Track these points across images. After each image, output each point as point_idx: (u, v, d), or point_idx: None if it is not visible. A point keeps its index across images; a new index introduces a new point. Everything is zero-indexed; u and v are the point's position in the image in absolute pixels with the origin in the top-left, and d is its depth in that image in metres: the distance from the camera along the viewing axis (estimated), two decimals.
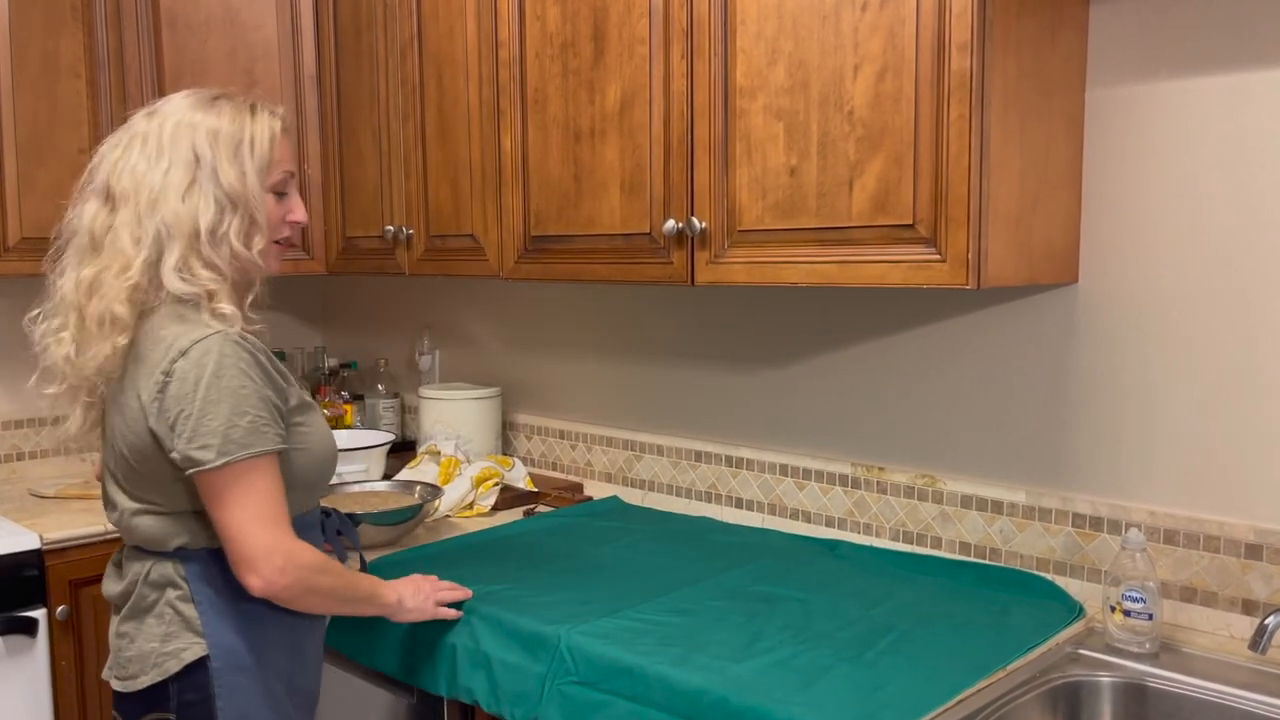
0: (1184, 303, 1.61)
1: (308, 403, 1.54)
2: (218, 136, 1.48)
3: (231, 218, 1.45)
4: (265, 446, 1.39)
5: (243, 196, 1.46)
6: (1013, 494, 1.80)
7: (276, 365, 1.47)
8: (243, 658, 1.45)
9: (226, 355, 1.37)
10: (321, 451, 1.55)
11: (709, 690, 1.37)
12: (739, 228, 1.70)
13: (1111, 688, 1.46)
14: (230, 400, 1.36)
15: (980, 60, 1.42)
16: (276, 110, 1.56)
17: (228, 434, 1.35)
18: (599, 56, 1.88)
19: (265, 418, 1.39)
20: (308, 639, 1.57)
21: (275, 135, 1.52)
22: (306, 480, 1.52)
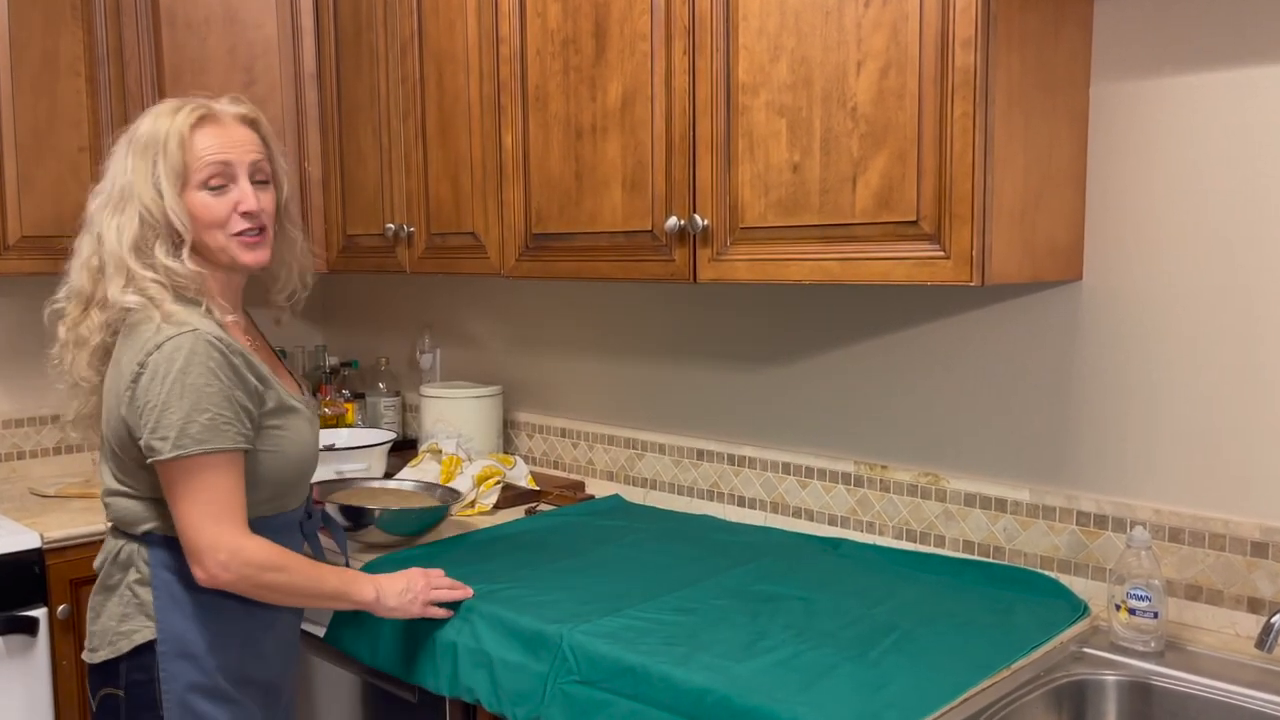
0: (1189, 299, 1.60)
1: (290, 407, 1.57)
2: (137, 148, 1.53)
3: (153, 235, 1.49)
4: (221, 445, 1.44)
5: (160, 209, 1.49)
6: (1016, 492, 1.79)
7: (255, 368, 1.51)
8: (189, 645, 1.51)
9: (197, 354, 1.44)
10: (296, 456, 1.58)
11: (712, 690, 1.36)
12: (741, 225, 1.69)
13: (1116, 687, 1.46)
14: (193, 397, 1.43)
15: (984, 56, 1.41)
16: (215, 105, 1.56)
17: (184, 429, 1.42)
18: (600, 53, 1.88)
19: (227, 417, 1.44)
20: (265, 633, 1.59)
21: (183, 135, 1.51)
22: (276, 482, 1.55)
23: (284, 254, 1.69)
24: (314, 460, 1.65)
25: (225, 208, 1.53)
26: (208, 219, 1.52)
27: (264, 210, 1.57)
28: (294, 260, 1.70)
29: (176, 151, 1.50)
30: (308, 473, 1.65)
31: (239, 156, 1.54)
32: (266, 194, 1.58)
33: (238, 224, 1.54)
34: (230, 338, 1.51)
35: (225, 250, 1.55)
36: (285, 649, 1.66)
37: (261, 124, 1.61)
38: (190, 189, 1.52)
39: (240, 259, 1.55)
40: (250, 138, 1.57)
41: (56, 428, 2.79)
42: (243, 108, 1.60)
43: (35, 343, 2.76)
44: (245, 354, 1.51)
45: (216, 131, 1.53)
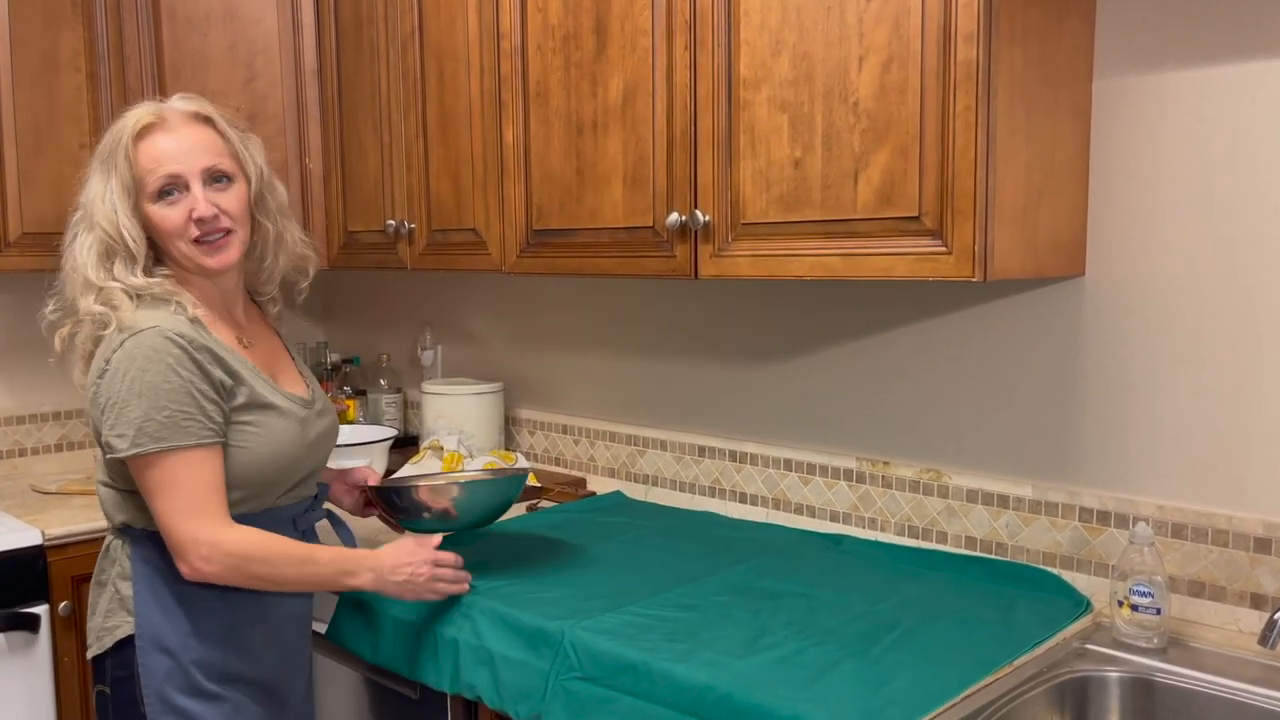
0: (1192, 295, 1.59)
1: (266, 404, 1.54)
2: (98, 162, 1.54)
3: (112, 252, 1.50)
4: (182, 441, 1.43)
5: (115, 228, 1.49)
6: (1019, 488, 1.79)
7: (224, 363, 1.50)
8: (166, 639, 1.50)
9: (156, 350, 1.43)
10: (267, 454, 1.53)
11: (713, 686, 1.36)
12: (743, 220, 1.69)
13: (1119, 683, 1.45)
14: (150, 394, 1.42)
15: (986, 51, 1.40)
16: (165, 109, 1.54)
17: (142, 426, 1.42)
18: (601, 49, 1.87)
19: (189, 412, 1.43)
20: (251, 629, 1.56)
21: (129, 150, 1.49)
22: (248, 481, 1.52)
23: (262, 248, 1.65)
24: (298, 461, 1.59)
25: (180, 217, 1.51)
26: (167, 230, 1.51)
27: (225, 212, 1.53)
28: (278, 253, 1.67)
29: (125, 167, 1.49)
30: (289, 473, 1.58)
31: (187, 165, 1.51)
32: (227, 193, 1.54)
33: (192, 232, 1.51)
34: (199, 333, 1.49)
35: (190, 258, 1.53)
36: (282, 647, 1.62)
37: (216, 120, 1.57)
38: (146, 201, 1.51)
39: (204, 264, 1.54)
40: (203, 138, 1.54)
41: (58, 424, 2.79)
42: (193, 104, 1.56)
43: (36, 340, 2.75)
44: (213, 349, 1.49)
45: (164, 139, 1.51)
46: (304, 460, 1.61)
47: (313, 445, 1.63)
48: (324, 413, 1.70)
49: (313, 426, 1.63)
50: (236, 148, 1.58)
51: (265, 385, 1.56)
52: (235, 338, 1.59)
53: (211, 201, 1.52)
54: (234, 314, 1.64)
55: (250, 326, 1.67)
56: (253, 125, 2.48)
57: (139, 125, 1.51)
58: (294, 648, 1.66)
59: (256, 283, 1.72)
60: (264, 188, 1.62)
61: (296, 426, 1.58)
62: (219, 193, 1.54)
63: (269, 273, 1.69)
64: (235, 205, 1.55)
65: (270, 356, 1.66)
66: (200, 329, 1.51)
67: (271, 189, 1.64)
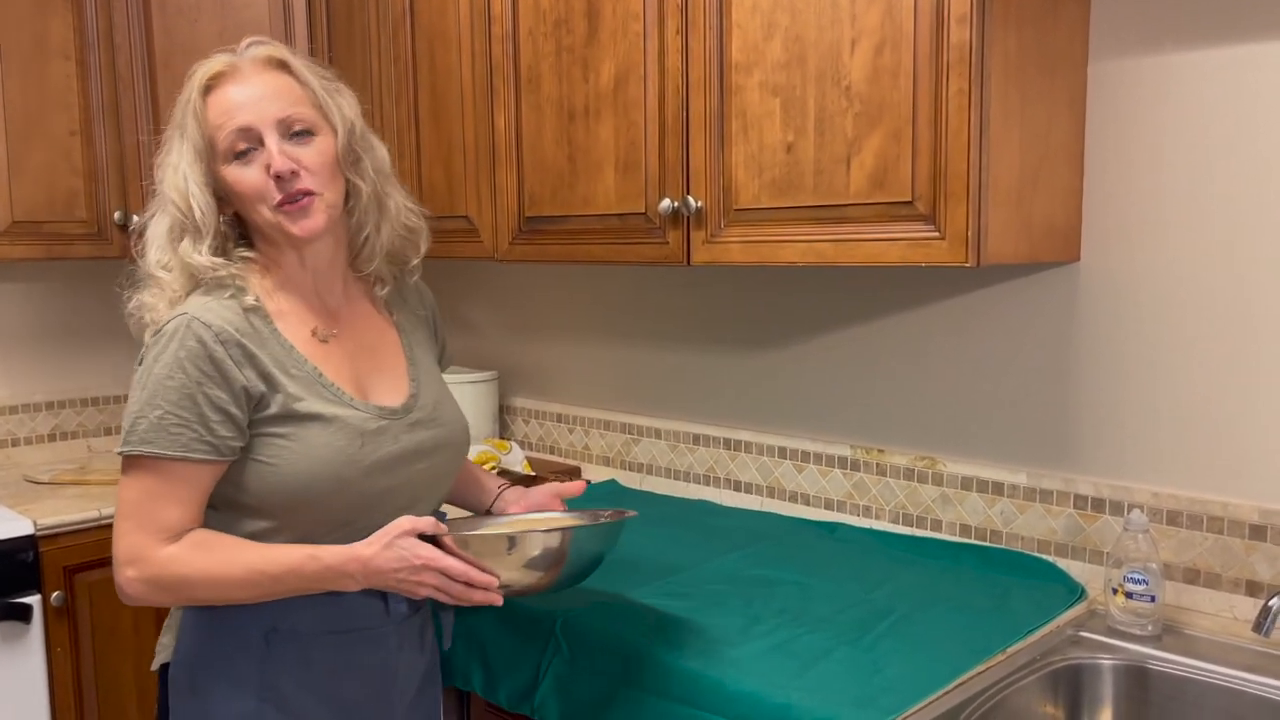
0: (1188, 280, 1.58)
1: (309, 414, 1.28)
2: (174, 125, 1.34)
3: (180, 229, 1.31)
4: (165, 450, 1.23)
5: (184, 199, 1.30)
6: (1014, 475, 1.78)
7: (259, 364, 1.27)
8: (197, 679, 1.32)
9: (173, 341, 1.25)
10: (301, 473, 1.27)
11: (706, 674, 1.36)
12: (735, 206, 1.68)
13: (1113, 670, 1.45)
14: (153, 388, 1.24)
15: (980, 33, 1.39)
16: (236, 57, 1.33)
17: (134, 424, 1.24)
18: (593, 33, 1.85)
19: (184, 418, 1.23)
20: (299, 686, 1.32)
21: (197, 107, 1.30)
22: (271, 506, 1.28)
23: (359, 216, 1.40)
24: (348, 483, 1.29)
25: (258, 176, 1.29)
26: (245, 192, 1.30)
27: (305, 168, 1.29)
28: (380, 222, 1.41)
29: (194, 127, 1.30)
30: (332, 498, 1.28)
31: (260, 114, 1.29)
32: (309, 148, 1.31)
33: (273, 196, 1.28)
34: (249, 323, 1.28)
35: (275, 226, 1.30)
36: (343, 710, 1.35)
37: (293, 65, 1.35)
38: (221, 163, 1.30)
39: (290, 231, 1.30)
40: (280, 85, 1.32)
41: (51, 414, 2.78)
42: (267, 49, 1.34)
43: (29, 329, 2.76)
44: (249, 346, 1.26)
45: (234, 89, 1.30)
46: (362, 484, 1.29)
47: (383, 464, 1.31)
48: (424, 424, 1.37)
49: (389, 442, 1.32)
50: (319, 95, 1.34)
51: (322, 390, 1.30)
52: (310, 331, 1.34)
53: (290, 156, 1.29)
54: (326, 300, 1.39)
55: (349, 314, 1.41)
56: None
57: (206, 77, 1.31)
58: (365, 707, 1.36)
59: (357, 259, 1.43)
60: (356, 143, 1.37)
61: (348, 441, 1.29)
62: (299, 146, 1.30)
63: (370, 246, 1.42)
64: (318, 161, 1.31)
65: (362, 353, 1.39)
66: (258, 319, 1.30)
67: (367, 146, 1.39)
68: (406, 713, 1.42)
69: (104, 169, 2.48)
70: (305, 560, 1.26)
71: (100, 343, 2.87)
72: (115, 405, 2.89)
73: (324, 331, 1.36)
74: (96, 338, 2.86)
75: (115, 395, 2.90)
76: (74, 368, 2.83)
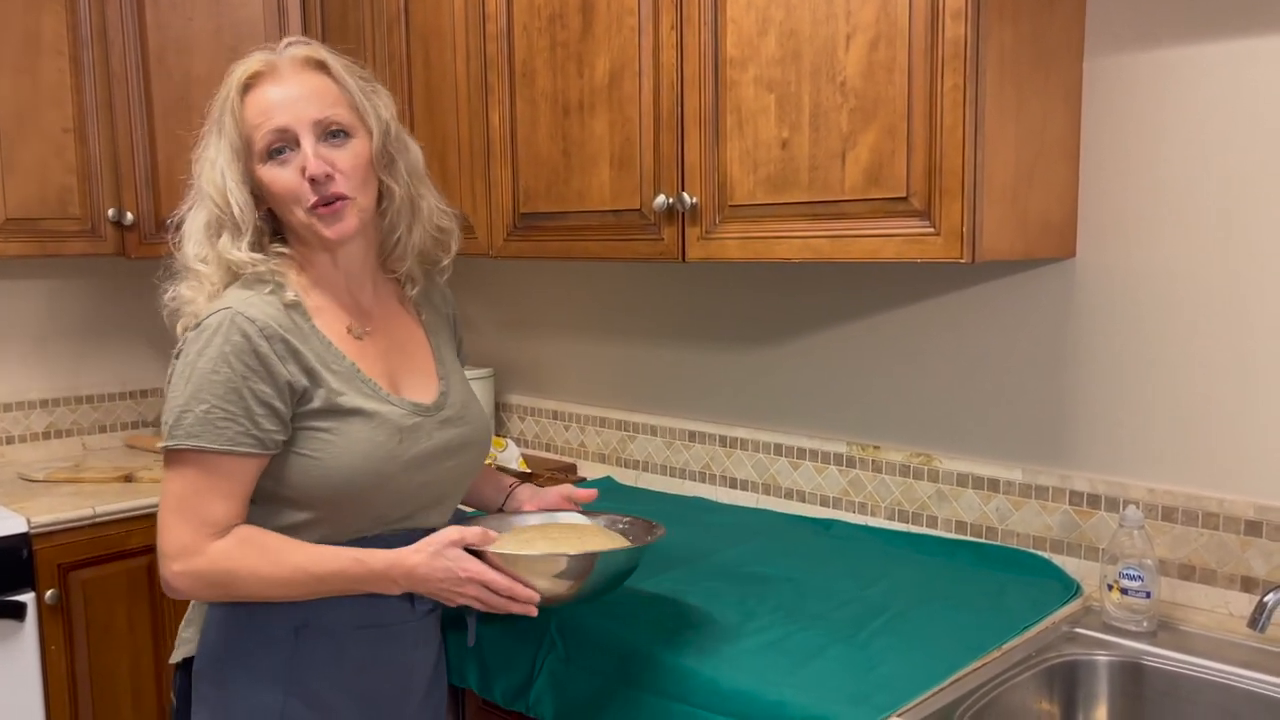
0: (1184, 277, 1.58)
1: (351, 409, 1.30)
2: (211, 121, 1.35)
3: (219, 224, 1.32)
4: (212, 444, 1.24)
5: (222, 195, 1.32)
6: (1009, 472, 1.78)
7: (303, 359, 1.29)
8: (222, 673, 1.33)
9: (217, 335, 1.26)
10: (344, 468, 1.28)
11: (700, 671, 1.35)
12: (730, 202, 1.67)
13: (1108, 667, 1.45)
14: (197, 382, 1.25)
15: (975, 28, 1.38)
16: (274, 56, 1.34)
17: (179, 418, 1.25)
18: (587, 28, 1.85)
19: (231, 412, 1.24)
20: (326, 681, 1.34)
21: (234, 105, 1.31)
22: (313, 499, 1.29)
23: (391, 217, 1.42)
24: (389, 479, 1.31)
25: (293, 177, 1.30)
26: (279, 193, 1.31)
27: (340, 171, 1.31)
28: (412, 223, 1.43)
29: (232, 125, 1.32)
30: (373, 493, 1.31)
31: (296, 116, 1.30)
32: (344, 150, 1.32)
33: (308, 198, 1.30)
34: (290, 318, 1.30)
35: (309, 228, 1.32)
36: (369, 704, 1.37)
37: (332, 66, 1.35)
38: (257, 162, 1.32)
39: (322, 234, 1.32)
40: (317, 86, 1.33)
41: (45, 412, 2.77)
42: (306, 48, 1.36)
43: (23, 326, 2.75)
44: (292, 341, 1.28)
45: (272, 89, 1.31)
46: (400, 479, 1.32)
47: (421, 460, 1.34)
48: (454, 422, 1.40)
49: (422, 438, 1.35)
50: (356, 97, 1.35)
51: (361, 386, 1.33)
52: (345, 328, 1.37)
53: (324, 159, 1.30)
54: (359, 299, 1.41)
55: (379, 313, 1.43)
56: None
57: (245, 76, 1.32)
58: (391, 704, 1.39)
59: (389, 259, 1.46)
60: (390, 145, 1.39)
61: (388, 437, 1.31)
62: (334, 149, 1.32)
63: (401, 247, 1.44)
64: (352, 164, 1.32)
65: (395, 350, 1.42)
66: (298, 315, 1.31)
67: (402, 148, 1.41)
68: (420, 707, 1.45)
69: (97, 166, 2.47)
70: (351, 563, 1.28)
71: (95, 340, 2.86)
72: (110, 403, 2.89)
73: (358, 329, 1.38)
74: (91, 335, 2.86)
75: (110, 393, 2.89)
76: (69, 365, 2.82)
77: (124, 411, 2.92)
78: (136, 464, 2.63)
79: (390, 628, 1.37)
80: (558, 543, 1.39)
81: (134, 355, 2.93)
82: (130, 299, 2.89)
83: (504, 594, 1.29)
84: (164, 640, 2.41)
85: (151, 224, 2.52)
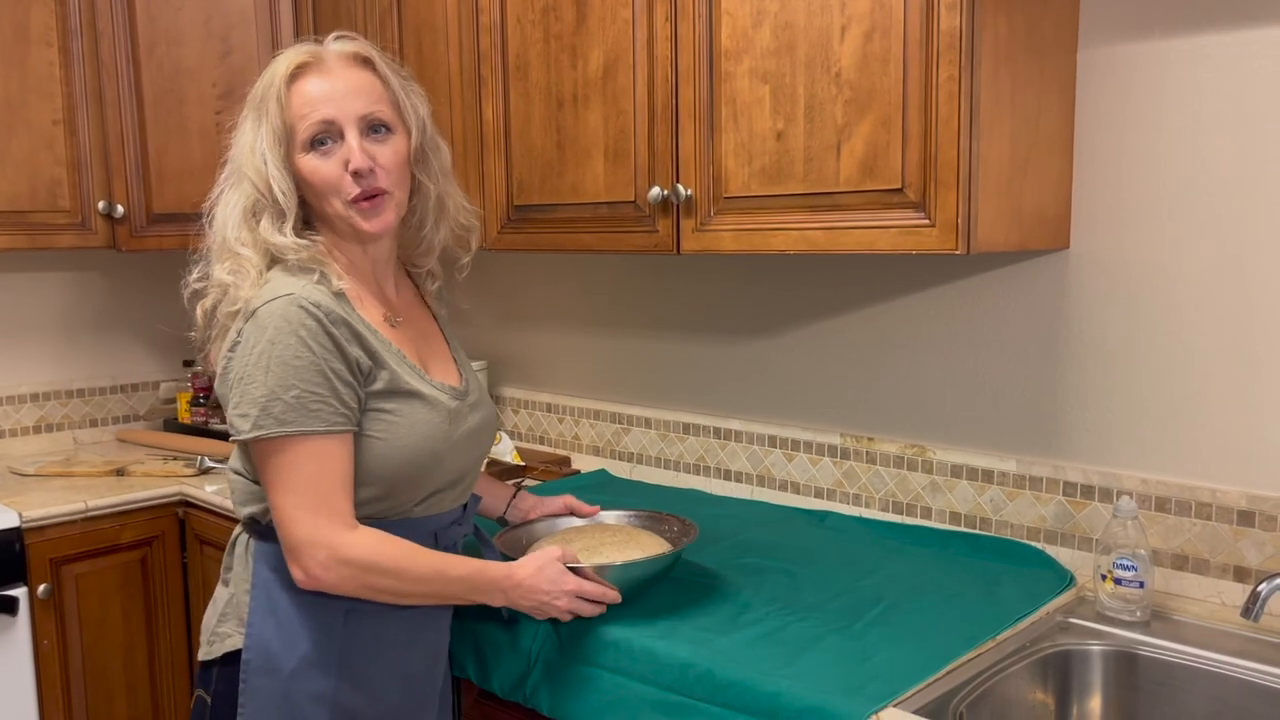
0: (1177, 268, 1.58)
1: (409, 390, 1.36)
2: (251, 106, 1.38)
3: (261, 208, 1.34)
4: (310, 426, 1.26)
5: (264, 180, 1.33)
6: (1003, 463, 1.78)
7: (365, 342, 1.33)
8: (275, 661, 1.34)
9: (289, 320, 1.27)
10: (406, 447, 1.34)
11: (694, 663, 1.35)
12: (725, 194, 1.67)
13: (1102, 656, 1.45)
14: (279, 370, 1.26)
15: (970, 19, 1.38)
16: (321, 49, 1.37)
17: (267, 407, 1.26)
18: (581, 20, 1.84)
19: (320, 394, 1.27)
20: (370, 660, 1.39)
21: (281, 92, 1.33)
22: (380, 477, 1.34)
23: (421, 213, 1.47)
24: (442, 459, 1.38)
25: (335, 169, 1.33)
26: (319, 184, 1.35)
27: (381, 167, 1.35)
28: (439, 220, 1.49)
29: (276, 111, 1.33)
30: (430, 471, 1.38)
31: (343, 109, 1.33)
32: (386, 146, 1.36)
33: (349, 190, 1.34)
34: (340, 306, 1.32)
35: (346, 220, 1.36)
36: (408, 682, 1.43)
37: (377, 63, 1.39)
38: (298, 151, 1.34)
39: (360, 227, 1.36)
40: (363, 82, 1.36)
41: (36, 406, 2.76)
42: (353, 44, 1.39)
43: (13, 321, 2.74)
44: (352, 324, 1.32)
45: (319, 82, 1.34)
46: (449, 459, 1.40)
47: (460, 442, 1.42)
48: (477, 406, 1.48)
49: (462, 421, 1.43)
50: (398, 95, 1.40)
51: (410, 370, 1.38)
52: (382, 316, 1.41)
53: (368, 153, 1.34)
54: (385, 289, 1.46)
55: (402, 304, 1.49)
56: (228, 101, 2.46)
57: (292, 66, 1.35)
58: (422, 682, 1.46)
59: (413, 254, 1.53)
60: (426, 144, 1.44)
61: (443, 418, 1.39)
62: (377, 144, 1.36)
63: (427, 243, 1.50)
64: (393, 160, 1.37)
65: (421, 339, 1.48)
66: (344, 303, 1.34)
67: (435, 147, 1.47)
68: (444, 684, 1.54)
69: (87, 158, 2.45)
70: (476, 571, 1.39)
71: (86, 334, 2.85)
72: (101, 397, 2.88)
73: (393, 317, 1.44)
74: (82, 329, 2.85)
75: (101, 387, 2.88)
76: (59, 359, 2.81)
77: (115, 405, 2.90)
78: (128, 458, 2.63)
79: (429, 609, 1.43)
80: (624, 548, 1.55)
81: (125, 349, 2.92)
82: (121, 292, 2.88)
83: (594, 599, 1.43)
84: (157, 634, 2.40)
85: (142, 217, 2.50)
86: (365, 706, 1.39)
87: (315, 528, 1.28)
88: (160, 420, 2.94)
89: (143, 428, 2.93)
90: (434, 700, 1.51)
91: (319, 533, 1.28)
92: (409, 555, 1.34)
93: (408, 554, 1.34)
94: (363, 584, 1.31)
